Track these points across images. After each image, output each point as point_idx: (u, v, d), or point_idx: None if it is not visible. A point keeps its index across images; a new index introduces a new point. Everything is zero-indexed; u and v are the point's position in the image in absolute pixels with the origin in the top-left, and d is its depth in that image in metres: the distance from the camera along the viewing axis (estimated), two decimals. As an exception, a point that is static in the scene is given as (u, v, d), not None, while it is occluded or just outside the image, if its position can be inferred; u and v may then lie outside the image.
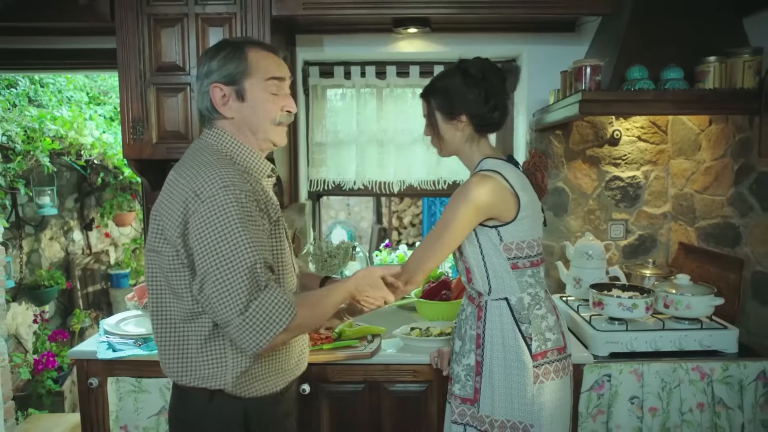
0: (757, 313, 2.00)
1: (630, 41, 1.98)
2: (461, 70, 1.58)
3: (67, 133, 3.59)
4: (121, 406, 1.94)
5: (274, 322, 1.19)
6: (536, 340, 1.52)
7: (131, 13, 2.08)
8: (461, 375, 1.61)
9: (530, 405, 1.51)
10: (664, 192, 2.56)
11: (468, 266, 1.60)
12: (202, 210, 1.19)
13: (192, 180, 1.22)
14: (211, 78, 1.34)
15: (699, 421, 1.85)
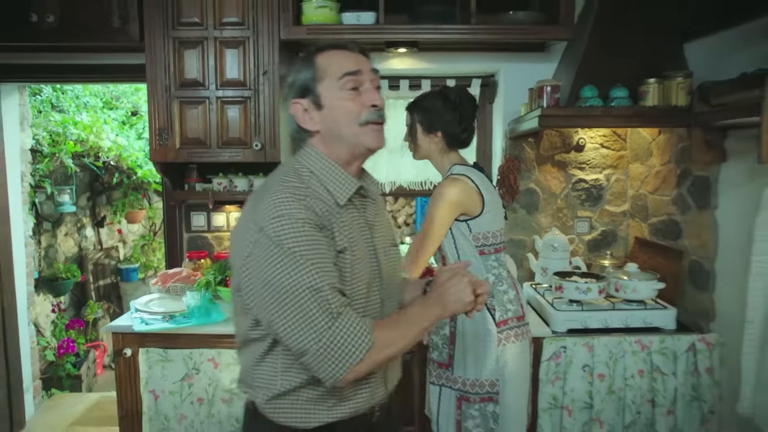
0: (692, 295, 2.35)
1: (585, 63, 2.33)
2: (443, 95, 1.93)
3: (88, 137, 3.91)
4: (150, 374, 2.27)
5: (351, 351, 1.10)
6: (499, 310, 1.86)
7: (159, 37, 2.41)
8: (439, 343, 1.95)
9: (495, 364, 1.85)
10: (623, 193, 2.90)
11: (443, 254, 1.94)
12: (262, 242, 1.12)
13: (255, 209, 1.16)
14: (290, 96, 1.27)
15: (639, 385, 2.19)
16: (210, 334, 2.24)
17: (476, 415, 1.87)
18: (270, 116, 2.46)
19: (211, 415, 2.28)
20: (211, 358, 2.25)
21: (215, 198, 2.68)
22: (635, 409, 2.19)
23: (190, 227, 2.94)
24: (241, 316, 1.25)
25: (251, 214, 1.16)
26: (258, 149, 2.47)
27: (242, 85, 2.44)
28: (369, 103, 1.22)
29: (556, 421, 2.23)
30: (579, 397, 2.20)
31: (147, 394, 2.28)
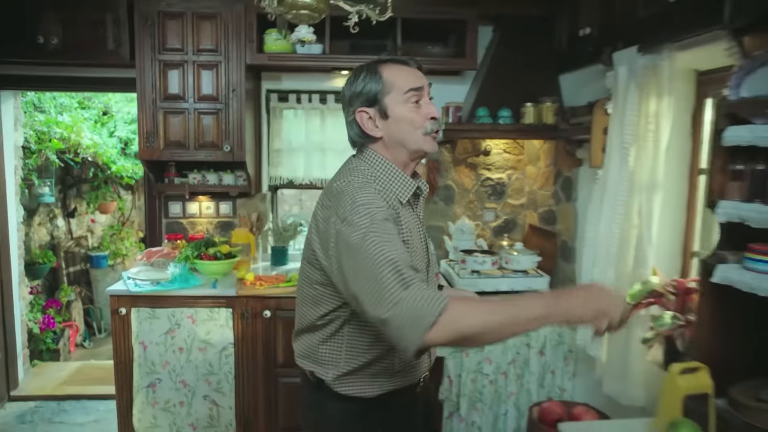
0: (562, 266, 3.10)
1: (483, 89, 3.04)
2: None
3: (69, 135, 4.41)
4: (140, 328, 2.86)
5: (423, 315, 1.12)
6: None
7: (147, 59, 3.00)
8: None
9: None
10: (521, 189, 3.64)
11: None
12: (345, 231, 1.23)
13: (336, 206, 1.29)
14: (355, 105, 1.38)
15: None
16: (189, 296, 2.84)
17: None
18: (237, 124, 3.07)
19: (189, 360, 2.89)
20: (189, 315, 2.86)
21: (190, 190, 3.28)
22: (515, 350, 2.92)
23: (167, 214, 3.52)
24: (307, 306, 1.42)
25: (333, 209, 1.29)
26: (227, 151, 3.08)
27: (215, 99, 3.05)
28: (429, 116, 1.38)
29: (457, 362, 2.93)
30: (474, 343, 2.92)
31: (137, 345, 2.87)
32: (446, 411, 2.93)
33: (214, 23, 2.99)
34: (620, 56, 2.29)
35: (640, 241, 2.22)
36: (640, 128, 2.21)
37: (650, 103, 2.17)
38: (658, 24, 2.08)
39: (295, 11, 1.50)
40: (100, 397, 3.64)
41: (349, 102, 1.41)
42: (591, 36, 2.64)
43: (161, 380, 2.89)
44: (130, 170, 5.24)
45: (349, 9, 1.66)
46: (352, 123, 1.41)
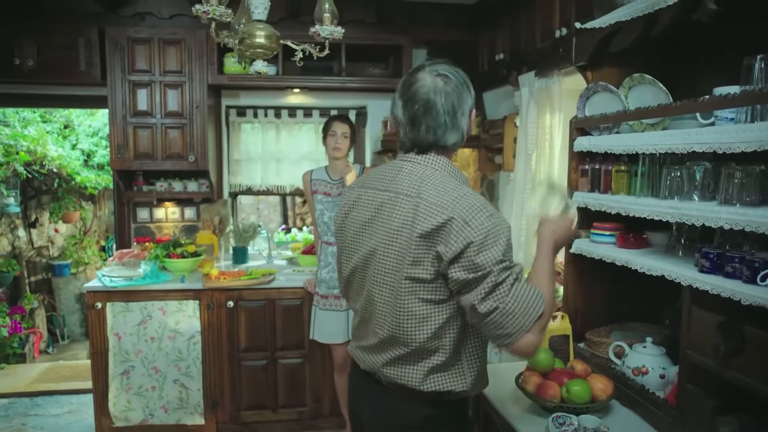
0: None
1: (417, 105, 3.51)
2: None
3: (36, 148, 4.66)
4: (115, 321, 3.18)
5: (533, 306, 1.23)
6: None
7: (118, 79, 3.34)
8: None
9: None
10: (456, 192, 4.13)
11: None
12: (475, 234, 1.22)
13: (454, 208, 1.25)
14: (469, 105, 1.37)
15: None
16: (159, 290, 3.18)
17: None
18: (200, 137, 3.44)
19: (160, 348, 3.22)
20: (160, 308, 3.20)
21: (157, 196, 3.63)
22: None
23: (136, 219, 3.85)
24: (416, 323, 1.31)
25: (450, 211, 1.25)
26: (192, 161, 3.44)
27: (180, 115, 3.41)
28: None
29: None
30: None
31: (112, 336, 3.19)
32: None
33: (178, 48, 3.36)
34: (523, 79, 2.79)
35: (541, 230, 2.71)
36: (539, 137, 2.71)
37: (546, 117, 2.68)
38: (549, 54, 2.59)
39: (252, 50, 1.91)
40: (73, 392, 3.91)
41: (459, 104, 1.34)
42: (504, 60, 3.15)
43: (134, 367, 3.21)
44: (93, 181, 5.49)
45: (295, 47, 2.09)
46: (459, 126, 1.36)
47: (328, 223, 3.05)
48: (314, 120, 4.04)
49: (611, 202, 1.66)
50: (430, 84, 1.32)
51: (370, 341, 1.43)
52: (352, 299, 1.52)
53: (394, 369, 1.37)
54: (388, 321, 1.35)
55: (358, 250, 1.43)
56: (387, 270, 1.34)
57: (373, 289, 1.38)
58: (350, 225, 1.45)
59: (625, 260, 1.60)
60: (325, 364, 3.31)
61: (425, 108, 1.32)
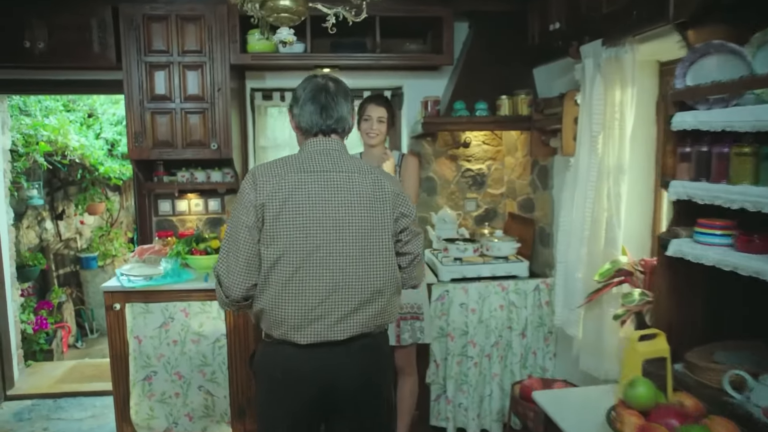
0: (540, 251, 3.23)
1: (459, 83, 3.16)
2: (390, 100, 2.76)
3: (57, 138, 4.46)
4: (135, 323, 2.95)
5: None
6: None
7: (133, 61, 3.07)
8: None
9: (418, 292, 2.70)
10: (501, 179, 3.77)
11: None
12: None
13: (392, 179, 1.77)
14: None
15: (500, 316, 3.05)
16: (182, 290, 2.93)
17: (408, 329, 2.71)
18: (223, 123, 3.16)
19: (183, 353, 2.98)
20: (183, 309, 2.95)
21: (179, 188, 3.37)
22: (498, 333, 3.05)
23: (157, 212, 3.60)
24: (389, 263, 1.70)
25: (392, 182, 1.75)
26: (215, 149, 3.17)
27: (201, 99, 3.14)
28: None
29: (443, 346, 3.06)
30: (458, 327, 3.04)
31: (132, 339, 2.96)
32: (433, 394, 3.06)
33: (198, 25, 3.07)
34: (586, 49, 2.41)
35: (610, 223, 2.35)
36: (606, 117, 2.33)
37: (615, 93, 2.30)
38: (619, 18, 2.20)
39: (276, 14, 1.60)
40: (97, 394, 3.72)
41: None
42: (560, 30, 2.76)
43: (156, 373, 2.98)
44: (118, 171, 5.29)
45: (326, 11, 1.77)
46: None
47: None
48: (346, 103, 3.72)
49: (732, 194, 1.30)
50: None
51: (346, 307, 1.64)
52: (305, 282, 1.62)
53: (380, 318, 1.71)
54: (380, 275, 1.67)
55: (319, 229, 1.62)
56: (366, 234, 1.66)
57: (348, 256, 1.64)
58: (297, 209, 1.62)
59: (755, 270, 1.24)
60: (361, 370, 3.02)
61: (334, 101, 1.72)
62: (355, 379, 1.69)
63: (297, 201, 1.61)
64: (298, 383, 1.67)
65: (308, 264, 1.61)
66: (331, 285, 1.63)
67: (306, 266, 1.62)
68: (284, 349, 1.67)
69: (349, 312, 1.64)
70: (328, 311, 1.63)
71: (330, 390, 1.68)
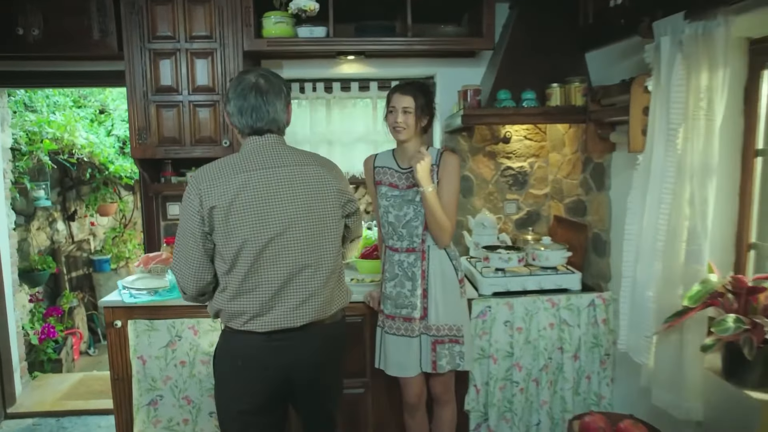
0: (594, 261, 2.84)
1: (502, 70, 2.77)
2: (425, 88, 2.36)
3: (63, 135, 4.19)
4: (138, 342, 2.63)
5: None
6: (459, 271, 2.41)
7: (136, 48, 2.75)
8: (416, 303, 2.36)
9: (460, 312, 2.37)
10: (545, 178, 3.38)
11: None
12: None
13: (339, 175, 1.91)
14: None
15: (550, 336, 2.67)
16: (189, 305, 2.59)
17: (446, 353, 2.35)
18: (236, 117, 2.82)
19: (192, 375, 2.66)
20: (191, 326, 2.63)
21: (189, 189, 3.04)
22: (547, 355, 2.67)
23: (166, 216, 3.29)
24: (336, 248, 1.88)
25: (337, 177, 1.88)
26: (227, 146, 2.84)
27: (211, 90, 2.81)
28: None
29: (484, 369, 2.69)
30: (502, 347, 2.67)
31: (136, 359, 2.65)
32: (473, 422, 2.70)
33: (207, 7, 2.74)
34: (662, 25, 2.01)
35: (693, 233, 1.95)
36: (689, 106, 1.94)
37: (701, 76, 1.90)
38: (710, -15, 1.81)
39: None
40: (102, 412, 3.43)
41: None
42: (622, 6, 2.36)
43: (163, 397, 2.67)
44: (129, 170, 5.02)
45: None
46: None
47: (395, 223, 2.39)
48: (371, 94, 3.37)
49: None
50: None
51: (303, 294, 1.78)
52: (261, 273, 1.74)
53: (334, 303, 1.90)
54: (330, 259, 1.84)
55: (272, 222, 1.72)
56: (321, 220, 1.80)
57: (301, 245, 1.76)
58: (246, 206, 1.70)
59: None
60: (391, 395, 2.67)
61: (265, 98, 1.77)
62: (312, 365, 1.85)
63: (244, 200, 1.70)
64: (258, 370, 1.79)
65: (264, 257, 1.72)
66: (286, 274, 1.75)
67: (262, 260, 1.72)
68: (243, 338, 1.78)
69: (306, 297, 1.79)
70: (286, 298, 1.76)
71: (288, 376, 1.82)
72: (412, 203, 2.35)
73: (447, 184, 2.33)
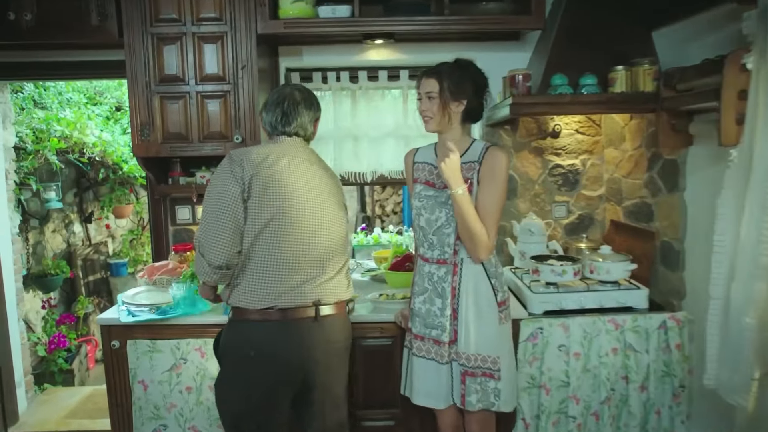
0: (664, 275, 2.43)
1: (556, 52, 2.38)
2: (463, 64, 1.95)
3: (72, 133, 3.93)
4: (139, 364, 2.33)
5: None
6: (500, 291, 1.98)
7: (137, 33, 2.44)
8: (445, 324, 1.99)
9: (497, 341, 1.96)
10: (599, 177, 2.97)
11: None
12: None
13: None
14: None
15: (613, 363, 2.27)
16: (196, 324, 2.30)
17: (477, 389, 1.95)
18: (249, 109, 2.50)
19: (200, 402, 2.34)
20: (198, 348, 2.31)
21: (198, 191, 2.72)
22: (610, 386, 2.27)
23: (175, 220, 2.98)
24: (342, 249, 2.02)
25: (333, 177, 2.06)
26: (239, 142, 2.51)
27: (221, 79, 2.48)
28: None
29: (534, 400, 2.31)
30: (556, 376, 2.28)
31: (136, 384, 2.34)
32: (521, 462, 2.32)
33: (216, -15, 2.42)
34: (770, -14, 1.61)
35: (813, 248, 1.55)
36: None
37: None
38: None
39: None
40: (108, 434, 3.15)
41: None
42: (707, -30, 1.97)
43: (167, 427, 2.35)
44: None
45: None
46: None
47: (425, 228, 2.02)
48: (401, 83, 3.00)
49: None
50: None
51: (326, 274, 1.93)
52: (284, 250, 1.86)
53: (348, 287, 2.04)
54: (342, 248, 2.03)
55: (299, 202, 1.88)
56: (333, 211, 1.99)
57: (324, 227, 1.93)
58: (282, 182, 1.85)
59: None
60: (425, 430, 2.31)
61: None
62: (325, 353, 1.91)
63: (281, 175, 1.84)
64: (274, 359, 1.83)
65: (290, 233, 1.84)
66: (304, 252, 1.87)
67: (287, 234, 1.84)
68: (256, 326, 1.84)
69: (327, 278, 1.92)
70: (307, 279, 1.87)
71: (303, 363, 1.86)
72: (444, 206, 1.96)
73: (488, 187, 1.92)
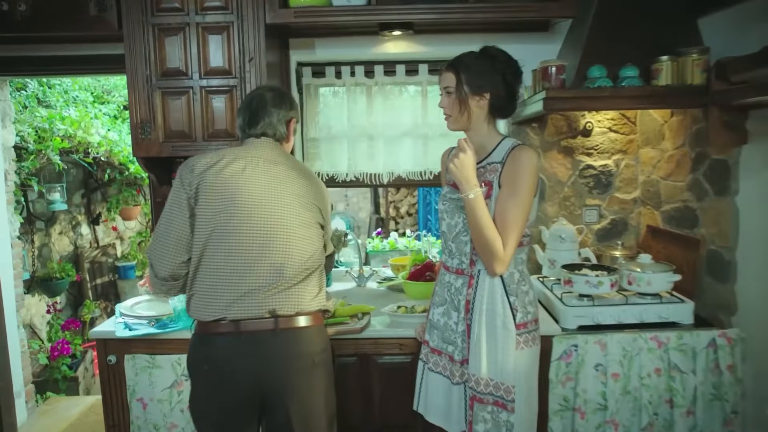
0: (712, 287, 2.21)
1: (592, 42, 2.17)
2: (489, 54, 1.72)
3: (76, 132, 3.78)
4: (137, 381, 2.16)
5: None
6: (520, 311, 1.71)
7: (137, 24, 2.27)
8: (457, 341, 1.78)
9: (512, 367, 1.69)
10: (634, 179, 2.75)
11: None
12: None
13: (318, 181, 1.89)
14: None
15: (656, 385, 2.05)
16: (198, 338, 2.12)
17: (485, 419, 1.73)
18: (258, 106, 2.31)
19: (202, 423, 2.16)
20: (200, 364, 2.13)
21: (204, 194, 2.54)
22: (652, 410, 2.05)
23: (179, 225, 2.81)
24: (313, 250, 1.80)
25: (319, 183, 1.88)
26: (246, 141, 2.33)
27: (227, 73, 2.30)
28: None
29: (567, 424, 2.10)
30: (592, 398, 2.07)
31: (134, 402, 2.17)
32: (553, 493, 2.10)
33: (221, -30, 2.24)
34: None
35: None
36: None
37: None
38: None
39: None
40: (110, 449, 2.99)
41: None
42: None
43: (168, 448, 2.18)
44: (152, 170, 4.59)
45: None
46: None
47: (446, 234, 1.82)
48: (420, 78, 2.80)
49: None
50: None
51: (282, 285, 1.71)
52: (232, 256, 1.70)
53: (308, 299, 1.77)
54: (309, 255, 1.78)
55: (248, 208, 1.71)
56: (293, 218, 1.76)
57: (276, 234, 1.72)
58: (231, 182, 1.72)
59: None
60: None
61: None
62: (288, 371, 1.71)
63: (230, 179, 1.71)
64: (229, 375, 1.69)
65: (240, 235, 1.69)
66: (255, 258, 1.70)
67: (237, 238, 1.69)
68: (209, 339, 1.70)
69: (287, 286, 1.72)
70: (259, 287, 1.69)
71: (262, 380, 1.70)
72: (463, 211, 1.73)
73: (509, 189, 1.66)
